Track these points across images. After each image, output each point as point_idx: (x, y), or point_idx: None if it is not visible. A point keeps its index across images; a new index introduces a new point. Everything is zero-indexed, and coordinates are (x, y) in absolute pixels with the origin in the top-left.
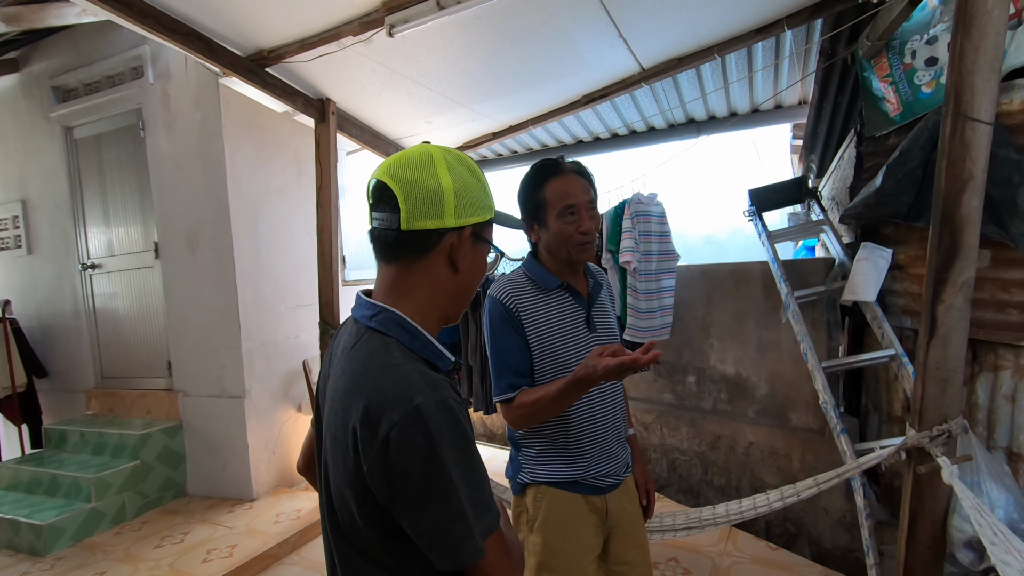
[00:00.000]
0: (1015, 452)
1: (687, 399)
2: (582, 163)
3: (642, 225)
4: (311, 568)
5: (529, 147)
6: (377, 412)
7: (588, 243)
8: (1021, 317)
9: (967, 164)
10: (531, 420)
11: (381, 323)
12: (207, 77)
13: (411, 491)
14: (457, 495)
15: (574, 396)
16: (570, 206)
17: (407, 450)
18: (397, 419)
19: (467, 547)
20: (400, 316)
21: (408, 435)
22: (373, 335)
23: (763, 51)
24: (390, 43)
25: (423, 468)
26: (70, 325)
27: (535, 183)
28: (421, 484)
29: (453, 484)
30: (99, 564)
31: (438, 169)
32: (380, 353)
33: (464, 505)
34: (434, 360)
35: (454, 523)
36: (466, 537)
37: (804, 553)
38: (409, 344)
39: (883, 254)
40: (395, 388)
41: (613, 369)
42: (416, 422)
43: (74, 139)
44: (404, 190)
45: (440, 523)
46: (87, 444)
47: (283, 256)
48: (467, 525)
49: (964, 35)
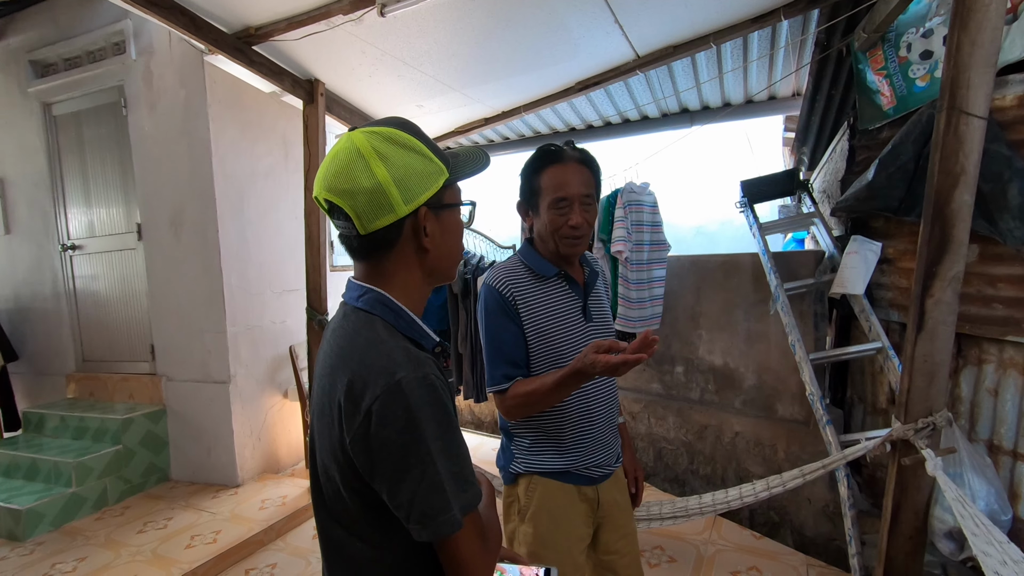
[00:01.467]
0: (996, 445)
1: (675, 389)
2: (589, 152)
3: (634, 215)
4: (296, 554)
5: (521, 134)
6: (360, 385)
7: (577, 238)
8: (1006, 312)
9: (960, 158)
10: (525, 411)
11: (366, 302)
12: (192, 54)
13: (390, 462)
14: (436, 468)
15: (570, 389)
16: (562, 198)
17: (387, 422)
18: (379, 392)
19: (444, 518)
20: (384, 295)
21: (389, 408)
22: (359, 314)
23: (759, 41)
24: (381, 23)
25: (402, 440)
26: (49, 307)
27: (533, 168)
28: (400, 455)
29: (432, 457)
30: (80, 549)
31: (371, 165)
32: (365, 330)
33: (443, 478)
34: (418, 339)
35: (432, 494)
36: (443, 508)
37: (787, 541)
38: (394, 323)
39: (872, 247)
40: (379, 363)
41: (612, 366)
42: (397, 395)
43: (53, 116)
44: (347, 201)
45: (418, 494)
46: (67, 428)
47: (270, 240)
48: (445, 498)
49: (961, 28)
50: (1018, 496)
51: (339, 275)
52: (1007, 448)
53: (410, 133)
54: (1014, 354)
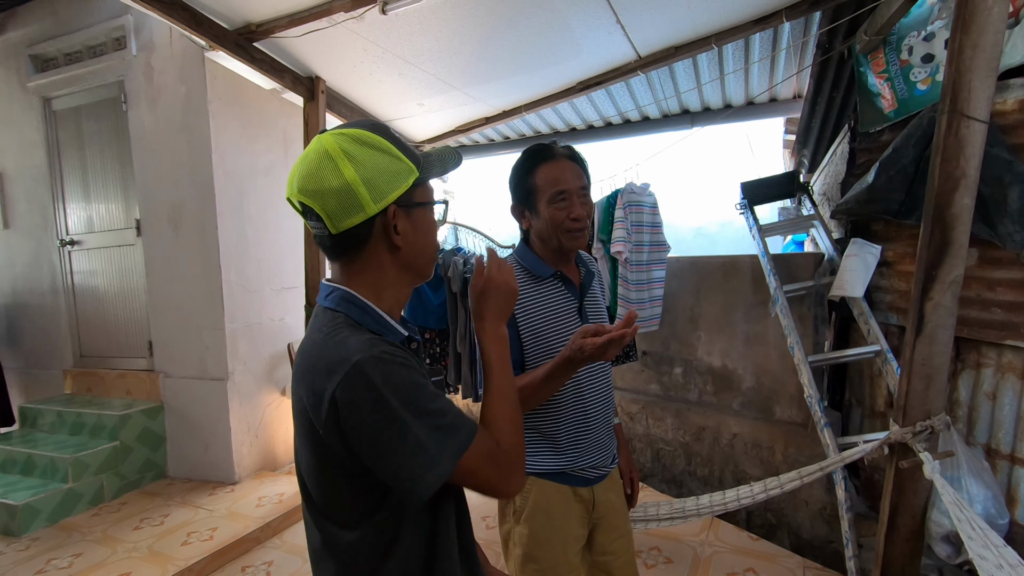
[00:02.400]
0: (994, 449)
1: (673, 390)
2: (575, 148)
3: (634, 215)
4: (293, 552)
5: (522, 133)
6: (322, 379)
7: (579, 230)
8: (1005, 316)
9: (961, 162)
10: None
11: (332, 301)
12: (192, 50)
13: (366, 442)
14: (412, 432)
15: (561, 380)
16: (561, 192)
17: (354, 406)
18: (339, 379)
19: (431, 476)
20: (350, 293)
21: (352, 391)
22: (326, 312)
23: (760, 42)
24: (383, 21)
25: (372, 419)
26: (47, 303)
27: (526, 168)
28: (373, 433)
29: (407, 424)
30: (76, 545)
31: (339, 165)
32: (327, 327)
33: (422, 439)
34: (385, 334)
35: (414, 458)
36: (429, 466)
37: (784, 544)
38: (359, 319)
39: (872, 250)
40: (336, 354)
41: (600, 347)
42: (357, 378)
43: (53, 110)
44: (317, 201)
45: (403, 461)
46: (64, 424)
47: (269, 237)
48: (428, 457)
49: (963, 32)
50: (1015, 500)
51: None
52: (1005, 452)
53: (379, 134)
54: (1012, 358)
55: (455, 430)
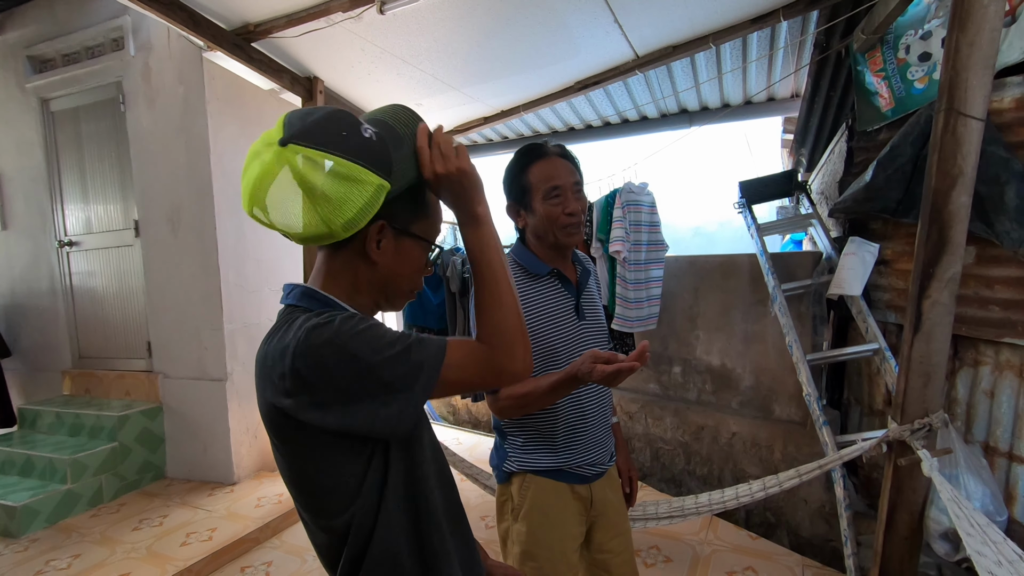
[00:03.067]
0: (992, 446)
1: (672, 389)
2: (566, 146)
3: (632, 215)
4: (292, 552)
5: (520, 133)
6: (279, 363)
7: (574, 225)
8: (1003, 314)
9: (958, 160)
10: (518, 412)
11: (292, 298)
12: (190, 51)
13: (339, 399)
14: (378, 374)
15: (564, 393)
16: (555, 187)
17: (318, 368)
18: (292, 350)
19: (408, 411)
20: (310, 288)
21: (310, 356)
22: (285, 310)
23: (758, 41)
24: (380, 21)
25: (339, 373)
26: (46, 304)
27: (519, 167)
28: (344, 385)
29: (371, 365)
30: (75, 546)
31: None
32: (282, 321)
33: (393, 379)
34: None
35: (388, 399)
36: (405, 405)
37: (783, 542)
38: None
39: (870, 249)
40: (287, 335)
41: (610, 375)
42: (311, 340)
43: (51, 111)
44: (286, 232)
45: (376, 409)
46: (63, 425)
47: (268, 237)
48: (403, 396)
49: (960, 30)
50: (1013, 497)
51: None
52: (1003, 450)
53: (349, 156)
54: (1010, 356)
55: (422, 357)
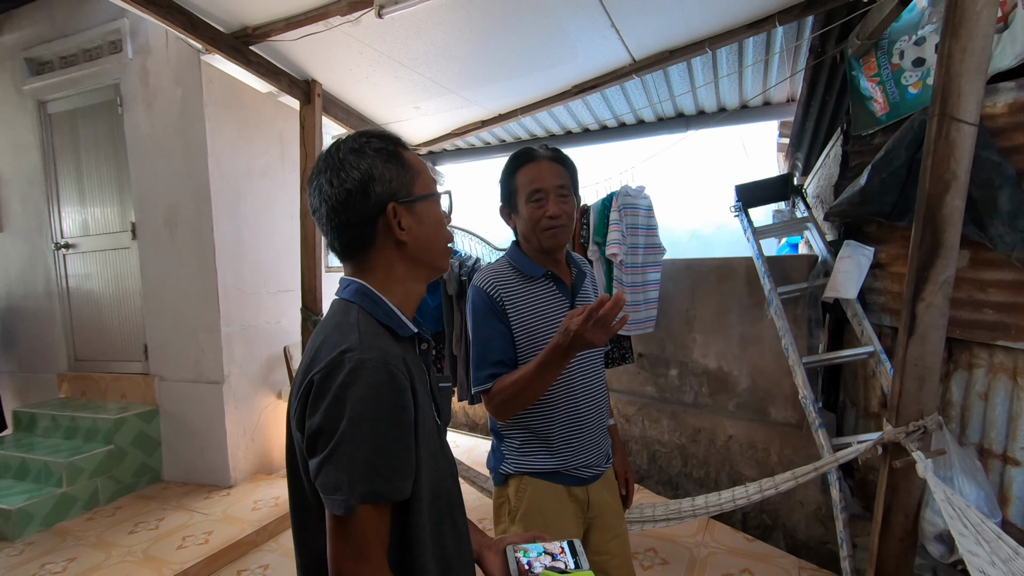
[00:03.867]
0: (986, 448)
1: (669, 392)
2: (560, 150)
3: (629, 218)
4: (288, 555)
5: (518, 136)
6: (315, 362)
7: (555, 228)
8: (996, 317)
9: (951, 164)
10: (513, 405)
11: (349, 293)
12: (189, 53)
13: (312, 431)
14: (349, 448)
15: (553, 369)
16: (537, 190)
17: (320, 394)
18: (323, 365)
19: (337, 497)
20: (364, 285)
21: (326, 381)
22: (341, 303)
23: (754, 46)
24: (379, 25)
25: (326, 413)
26: (42, 306)
27: (508, 171)
28: (320, 426)
29: (349, 437)
30: (70, 550)
31: None
32: (339, 315)
33: (352, 460)
34: (395, 328)
35: (335, 471)
36: (339, 488)
37: (779, 544)
38: (371, 310)
39: (865, 252)
40: (334, 341)
41: (583, 322)
42: (335, 370)
43: (48, 113)
44: None
45: (324, 464)
46: (59, 428)
47: (265, 240)
48: (348, 479)
49: (953, 36)
50: (1008, 499)
51: (334, 276)
52: (997, 452)
53: None
54: (1004, 359)
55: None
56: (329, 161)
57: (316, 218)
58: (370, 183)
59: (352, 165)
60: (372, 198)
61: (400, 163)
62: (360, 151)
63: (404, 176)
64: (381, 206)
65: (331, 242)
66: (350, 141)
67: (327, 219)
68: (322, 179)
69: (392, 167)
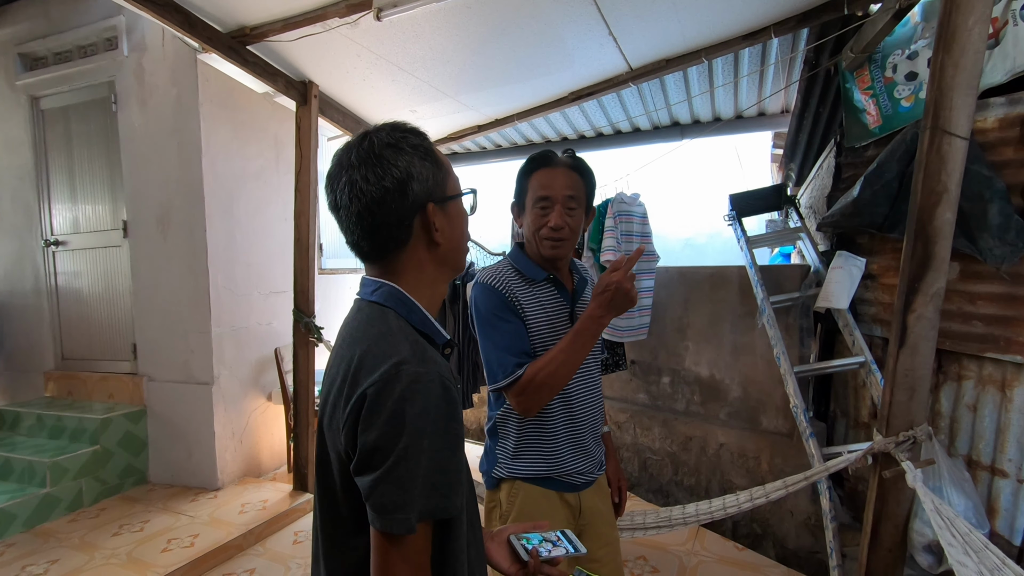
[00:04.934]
0: (974, 460)
1: (661, 400)
2: (581, 159)
3: (624, 225)
4: (275, 559)
5: (514, 142)
6: (363, 372)
7: (555, 240)
8: (986, 329)
9: (942, 177)
10: (547, 389)
11: (381, 296)
12: (185, 52)
13: (367, 447)
14: (409, 466)
15: (589, 341)
16: (544, 197)
17: (376, 408)
18: (377, 378)
19: (399, 516)
20: (399, 290)
21: (381, 395)
22: (373, 307)
23: (749, 57)
24: (377, 27)
25: (384, 429)
26: (30, 303)
27: (526, 171)
28: (377, 443)
29: (409, 453)
30: (52, 551)
31: None
32: (378, 321)
33: (413, 477)
34: (430, 333)
35: (395, 489)
36: (400, 507)
37: (769, 554)
38: (406, 316)
39: (857, 263)
40: (383, 351)
41: (623, 276)
42: (392, 384)
43: (41, 109)
44: None
45: (381, 482)
46: (43, 427)
47: (258, 241)
48: (407, 497)
49: (945, 51)
50: (995, 511)
51: (327, 278)
52: (985, 463)
53: None
54: (993, 371)
55: (440, 498)
56: (362, 155)
57: (340, 216)
58: (409, 182)
59: (390, 162)
60: (409, 197)
61: (435, 161)
62: (398, 147)
63: (439, 175)
64: (418, 206)
65: (357, 242)
66: (384, 135)
67: (358, 218)
68: (356, 175)
69: (428, 165)
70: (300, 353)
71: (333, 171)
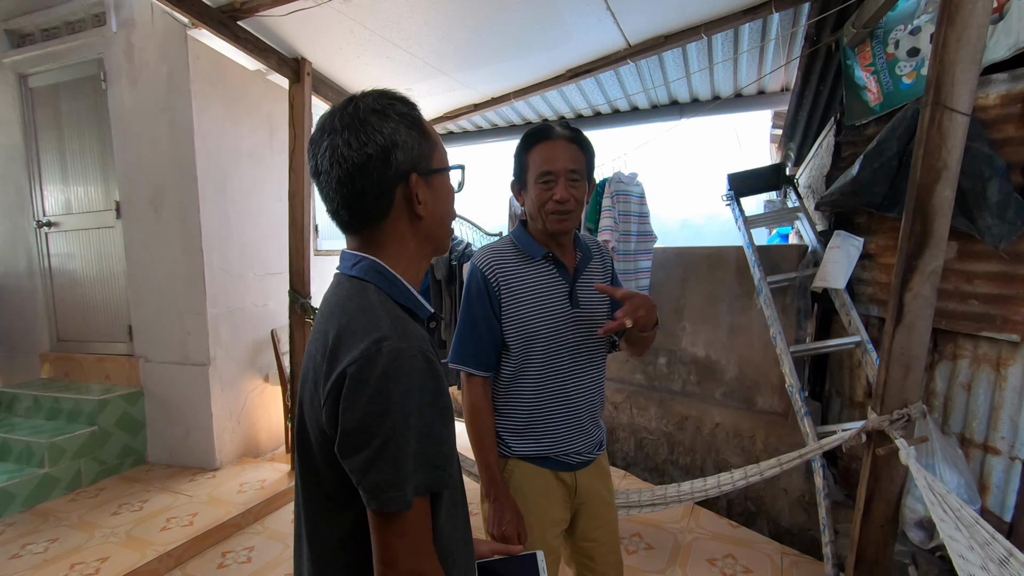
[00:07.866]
0: (967, 438)
1: (657, 380)
2: (579, 130)
3: (622, 205)
4: (274, 538)
5: (511, 121)
6: (343, 348)
7: (562, 212)
8: (982, 308)
9: (943, 154)
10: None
11: (360, 270)
12: (175, 28)
13: (352, 427)
14: (399, 443)
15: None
16: (547, 172)
17: (357, 388)
18: (358, 355)
19: (394, 494)
20: (379, 263)
21: (363, 372)
22: (353, 281)
23: (749, 33)
24: (370, 2)
25: (369, 408)
26: (23, 285)
27: (524, 146)
28: (362, 422)
29: (398, 431)
30: (52, 530)
31: None
32: (357, 296)
33: (404, 454)
34: (413, 307)
35: (387, 467)
36: (395, 484)
37: (763, 531)
38: (388, 290)
39: (854, 243)
40: (363, 327)
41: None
42: (373, 361)
43: (29, 88)
44: None
45: (374, 463)
46: (41, 409)
47: (253, 222)
48: (401, 474)
49: (948, 24)
50: (987, 488)
51: (323, 259)
52: (978, 441)
53: None
54: (988, 350)
55: (434, 470)
56: (346, 120)
57: (321, 182)
58: (392, 150)
59: (374, 128)
60: (392, 166)
61: (422, 132)
62: (383, 113)
63: (425, 146)
64: (401, 176)
65: (336, 211)
66: (370, 100)
67: (337, 184)
68: (337, 139)
69: (415, 135)
70: (296, 334)
71: (316, 135)
